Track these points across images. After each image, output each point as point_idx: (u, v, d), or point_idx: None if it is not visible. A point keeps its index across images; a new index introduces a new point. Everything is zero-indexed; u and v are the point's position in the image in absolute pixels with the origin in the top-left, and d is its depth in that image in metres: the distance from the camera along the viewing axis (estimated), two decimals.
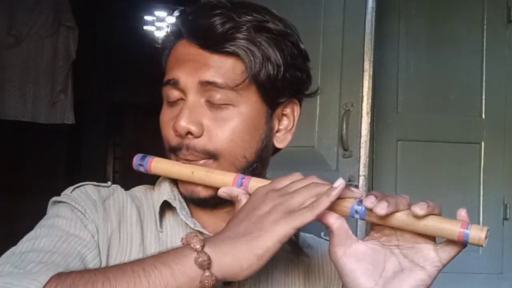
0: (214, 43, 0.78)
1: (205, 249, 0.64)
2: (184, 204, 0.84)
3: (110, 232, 0.80)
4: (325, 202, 0.66)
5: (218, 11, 0.78)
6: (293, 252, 0.87)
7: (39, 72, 3.66)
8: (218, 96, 0.78)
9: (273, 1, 2.14)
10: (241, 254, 0.64)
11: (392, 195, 0.68)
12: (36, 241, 0.73)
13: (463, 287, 2.43)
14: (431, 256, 0.68)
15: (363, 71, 2.11)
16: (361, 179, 2.10)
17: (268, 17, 0.81)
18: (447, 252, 0.67)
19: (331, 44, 2.20)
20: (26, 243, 0.74)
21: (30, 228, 0.79)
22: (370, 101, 2.11)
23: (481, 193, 2.55)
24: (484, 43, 2.60)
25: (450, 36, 2.60)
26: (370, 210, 0.66)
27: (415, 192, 2.55)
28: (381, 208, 0.65)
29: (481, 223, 2.50)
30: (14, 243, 0.78)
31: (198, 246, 0.64)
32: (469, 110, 2.60)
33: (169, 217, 0.84)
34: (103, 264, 0.77)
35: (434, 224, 0.65)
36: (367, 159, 2.10)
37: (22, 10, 3.57)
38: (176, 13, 0.84)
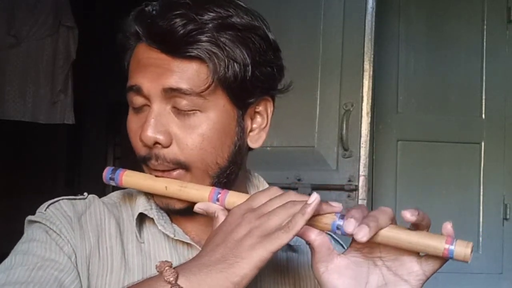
0: (176, 47, 0.73)
1: (179, 281, 0.62)
2: (163, 211, 0.81)
3: (88, 250, 0.77)
4: (301, 222, 0.64)
5: (178, 12, 0.72)
6: (282, 248, 0.86)
7: (39, 72, 3.66)
8: (184, 102, 0.74)
9: (273, 2, 2.15)
10: (217, 283, 0.62)
11: (374, 213, 0.66)
12: (11, 271, 0.72)
13: (463, 287, 2.43)
14: (415, 269, 0.66)
15: (363, 71, 2.11)
16: (361, 179, 2.10)
17: (232, 11, 0.75)
18: (430, 265, 0.66)
19: (331, 44, 2.20)
20: (1, 274, 0.72)
21: None
22: (370, 101, 2.12)
23: (481, 193, 2.55)
24: (484, 43, 2.60)
25: (450, 36, 2.60)
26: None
27: (415, 192, 2.55)
28: (362, 236, 0.62)
29: (481, 223, 2.51)
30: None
31: (171, 279, 0.61)
32: (469, 110, 2.60)
33: (149, 225, 0.81)
34: (84, 284, 0.75)
35: (418, 240, 0.64)
36: (367, 159, 2.10)
37: (22, 10, 3.56)
38: (134, 14, 0.78)
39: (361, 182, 2.10)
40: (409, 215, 0.63)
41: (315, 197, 0.65)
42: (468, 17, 2.62)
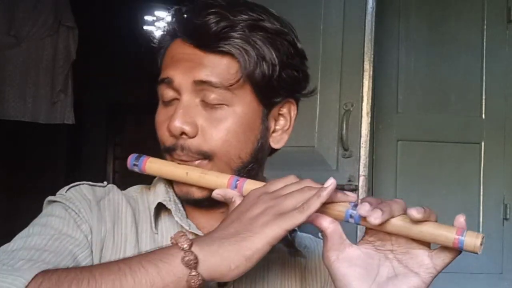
0: (209, 42, 0.77)
1: (193, 249, 0.63)
2: (180, 205, 0.83)
3: (104, 234, 0.79)
4: (316, 203, 0.65)
5: (213, 10, 0.77)
6: (290, 253, 0.86)
7: (39, 72, 3.66)
8: (212, 95, 0.77)
9: (273, 2, 2.15)
10: (229, 255, 0.63)
11: (387, 201, 0.67)
12: (28, 239, 0.73)
13: (463, 287, 2.43)
14: (426, 263, 0.67)
15: (363, 71, 2.11)
16: (361, 179, 2.10)
17: (264, 16, 0.80)
18: (441, 259, 0.67)
19: (331, 44, 2.20)
20: (18, 241, 0.74)
21: None
22: (370, 101, 2.11)
23: (481, 193, 2.55)
24: (484, 43, 2.60)
25: (450, 36, 2.60)
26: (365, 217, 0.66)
27: (415, 192, 2.55)
28: (375, 218, 0.64)
29: (481, 223, 2.50)
30: None
31: (185, 245, 0.63)
32: (469, 110, 2.60)
33: (164, 218, 0.83)
34: None
35: (429, 230, 0.65)
36: (367, 159, 2.10)
37: (22, 10, 3.56)
38: (171, 12, 0.83)
39: (361, 182, 2.10)
40: (415, 213, 0.64)
41: (331, 182, 0.67)
42: (468, 17, 2.62)
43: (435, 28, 2.60)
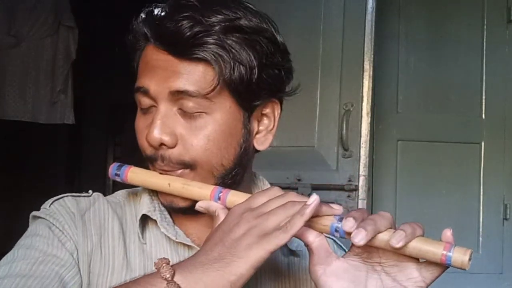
0: (183, 49, 0.74)
1: (176, 278, 0.62)
2: (166, 213, 0.82)
3: (90, 248, 0.78)
4: (299, 222, 0.64)
5: (186, 14, 0.73)
6: (283, 252, 0.85)
7: (39, 72, 3.65)
8: (190, 104, 0.75)
9: (273, 2, 2.15)
10: (213, 281, 0.62)
11: (373, 216, 0.65)
12: (13, 264, 0.73)
13: (463, 287, 2.43)
14: (414, 276, 0.66)
15: (363, 71, 2.12)
16: (361, 179, 2.10)
17: (240, 13, 0.76)
18: (430, 272, 0.66)
19: (331, 44, 2.21)
20: (3, 267, 0.73)
21: None
22: (370, 101, 2.12)
23: (481, 193, 2.55)
24: (484, 43, 2.60)
25: (450, 36, 2.60)
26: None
27: (415, 192, 2.55)
28: (359, 239, 0.62)
29: (481, 223, 2.51)
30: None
31: (168, 276, 0.62)
32: (469, 110, 2.60)
33: (152, 227, 0.82)
34: (85, 282, 0.76)
35: (416, 246, 0.63)
36: (367, 159, 2.10)
37: (22, 10, 3.56)
38: (143, 15, 0.79)
39: (361, 182, 2.10)
40: (395, 243, 0.63)
41: (314, 198, 0.65)
42: (468, 17, 2.62)
43: (435, 28, 2.60)
